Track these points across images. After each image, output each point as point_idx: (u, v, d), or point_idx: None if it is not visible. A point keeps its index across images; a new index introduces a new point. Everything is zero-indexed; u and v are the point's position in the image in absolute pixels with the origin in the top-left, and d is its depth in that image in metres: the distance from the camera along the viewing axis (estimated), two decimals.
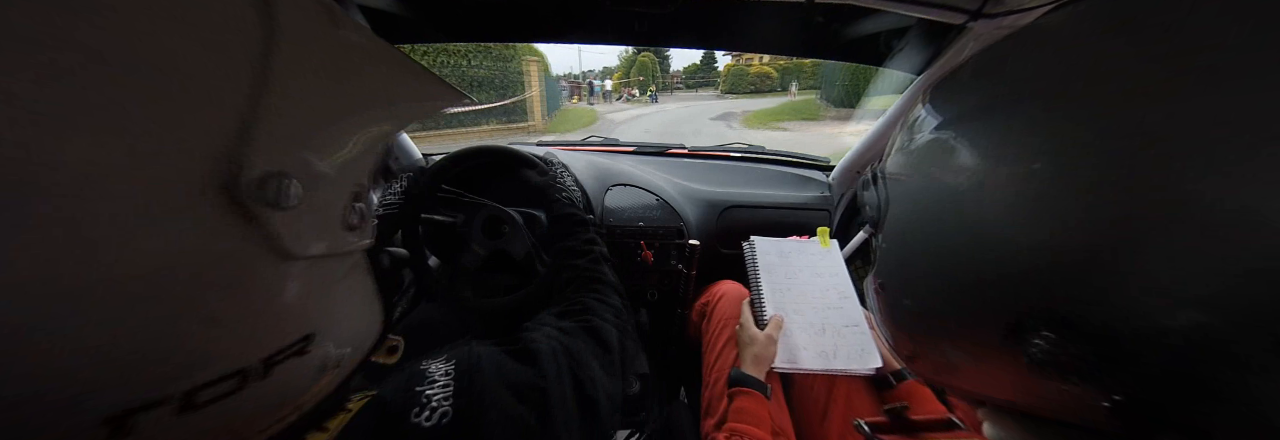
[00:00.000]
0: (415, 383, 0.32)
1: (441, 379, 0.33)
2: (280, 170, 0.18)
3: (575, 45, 10.98)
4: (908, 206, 0.28)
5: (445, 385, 0.32)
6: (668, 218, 1.05)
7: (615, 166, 1.14)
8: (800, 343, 0.75)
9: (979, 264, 0.22)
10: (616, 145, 1.43)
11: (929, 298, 0.26)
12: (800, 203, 1.18)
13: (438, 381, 0.32)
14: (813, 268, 0.86)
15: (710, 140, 5.18)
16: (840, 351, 0.74)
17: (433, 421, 0.29)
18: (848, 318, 0.78)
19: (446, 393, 0.31)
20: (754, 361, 0.71)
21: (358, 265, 0.28)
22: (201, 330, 0.18)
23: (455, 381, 0.32)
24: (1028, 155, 0.20)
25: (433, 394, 0.31)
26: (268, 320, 0.20)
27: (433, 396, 0.31)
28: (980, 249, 0.22)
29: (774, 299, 0.80)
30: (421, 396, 0.31)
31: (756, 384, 0.68)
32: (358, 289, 0.29)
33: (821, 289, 0.83)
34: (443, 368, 0.34)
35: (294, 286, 0.21)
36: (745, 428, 0.62)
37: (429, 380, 0.33)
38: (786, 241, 0.91)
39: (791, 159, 1.37)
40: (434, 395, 0.31)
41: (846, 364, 0.72)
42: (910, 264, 0.27)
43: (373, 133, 0.24)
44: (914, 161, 0.28)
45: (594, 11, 0.91)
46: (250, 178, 0.17)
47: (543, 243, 0.92)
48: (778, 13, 0.83)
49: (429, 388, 0.32)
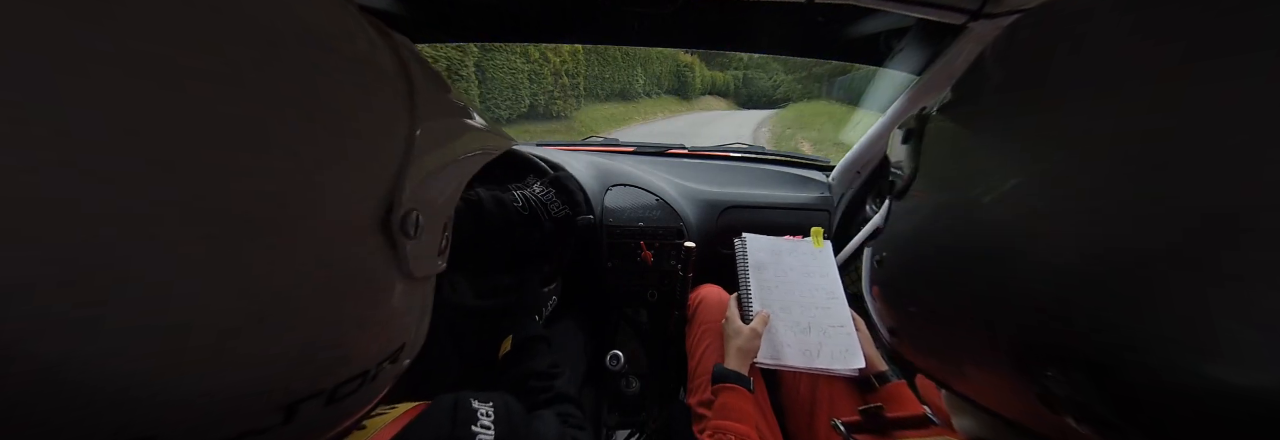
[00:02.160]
0: (467, 418, 0.35)
1: (484, 419, 0.36)
2: (414, 208, 0.23)
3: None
4: (932, 185, 0.26)
5: (487, 427, 0.35)
6: (667, 218, 1.05)
7: (615, 166, 1.14)
8: (784, 340, 0.75)
9: (994, 277, 0.19)
10: (616, 145, 1.43)
11: (934, 294, 0.25)
12: (800, 203, 1.18)
13: (481, 421, 0.35)
14: (803, 267, 0.86)
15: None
16: (824, 350, 0.74)
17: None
18: (834, 318, 0.78)
19: (489, 435, 0.34)
20: (738, 354, 0.71)
21: (430, 284, 0.31)
22: (351, 336, 0.22)
23: (496, 425, 0.35)
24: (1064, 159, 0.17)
25: (479, 433, 0.34)
26: (388, 330, 0.24)
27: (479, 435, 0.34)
28: (998, 261, 0.19)
29: (761, 296, 0.80)
30: (476, 437, 0.34)
31: (738, 378, 0.68)
32: (423, 305, 0.31)
33: (810, 288, 0.83)
34: (484, 409, 0.37)
35: (403, 302, 0.25)
36: (729, 424, 0.62)
37: (476, 418, 0.36)
38: (779, 240, 0.91)
39: (791, 159, 1.37)
40: (479, 435, 0.34)
41: (829, 363, 0.72)
42: (922, 256, 0.26)
43: (466, 174, 0.30)
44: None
45: (594, 12, 0.91)
46: (397, 214, 0.22)
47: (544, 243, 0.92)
48: (778, 13, 0.83)
49: (478, 427, 0.35)
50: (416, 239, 0.23)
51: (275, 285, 0.18)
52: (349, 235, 0.20)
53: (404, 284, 0.24)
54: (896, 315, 0.29)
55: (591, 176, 1.04)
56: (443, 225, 0.28)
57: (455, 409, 0.35)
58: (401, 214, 0.22)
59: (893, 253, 0.29)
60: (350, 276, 0.20)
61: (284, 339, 0.18)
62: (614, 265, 1.03)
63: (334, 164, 0.19)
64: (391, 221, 0.21)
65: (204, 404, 0.17)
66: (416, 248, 0.24)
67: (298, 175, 0.18)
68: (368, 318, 0.22)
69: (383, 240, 0.22)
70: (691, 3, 0.82)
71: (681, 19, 0.90)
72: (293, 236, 0.18)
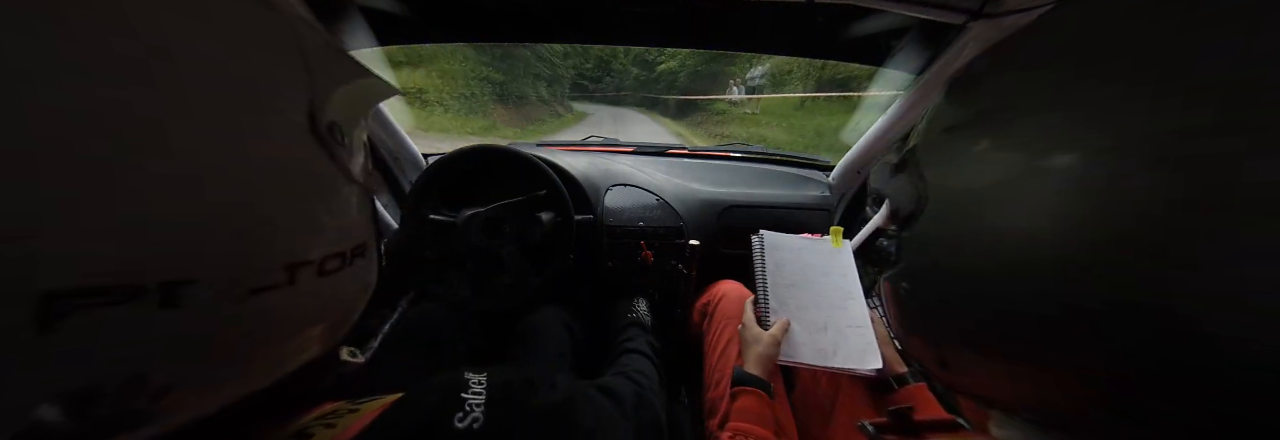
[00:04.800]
0: (459, 388, 0.35)
1: (475, 386, 0.36)
2: (335, 123, 0.28)
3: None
4: (950, 202, 0.26)
5: (478, 393, 0.35)
6: (668, 218, 1.05)
7: (615, 167, 1.14)
8: (800, 339, 0.74)
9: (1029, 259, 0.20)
10: (616, 145, 1.43)
11: (976, 298, 0.24)
12: (800, 203, 1.18)
13: (472, 388, 0.36)
14: (821, 266, 0.85)
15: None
16: (840, 350, 0.73)
17: (464, 423, 0.33)
18: (852, 318, 0.78)
19: (479, 400, 0.35)
20: (757, 361, 0.70)
21: (369, 198, 0.35)
22: (328, 213, 0.28)
23: (487, 391, 0.36)
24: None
25: (470, 399, 0.35)
26: (353, 220, 0.30)
27: (470, 402, 0.34)
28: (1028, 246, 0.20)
29: (778, 294, 0.79)
30: (464, 403, 0.34)
31: (759, 383, 0.67)
32: (369, 214, 0.35)
33: (828, 288, 0.82)
34: (476, 377, 0.37)
35: (356, 203, 0.31)
36: (749, 427, 0.62)
37: (467, 387, 0.36)
38: (797, 238, 0.90)
39: (791, 159, 1.37)
40: (469, 400, 0.34)
41: (845, 363, 0.72)
42: (950, 265, 0.26)
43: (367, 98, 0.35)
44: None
45: (594, 11, 0.91)
46: (322, 125, 0.27)
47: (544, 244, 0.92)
48: (778, 13, 0.83)
49: (468, 394, 0.35)
50: (345, 147, 0.29)
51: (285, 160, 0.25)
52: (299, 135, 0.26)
53: (350, 186, 0.30)
54: (941, 340, 0.28)
55: (592, 176, 1.04)
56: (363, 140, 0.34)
57: (447, 381, 0.36)
58: (325, 123, 0.27)
59: (921, 280, 0.28)
60: (312, 170, 0.27)
61: (293, 210, 0.25)
62: (614, 265, 1.03)
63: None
64: (320, 130, 0.27)
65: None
66: (347, 155, 0.30)
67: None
68: (334, 204, 0.28)
69: (316, 143, 0.27)
70: (691, 3, 0.82)
71: (681, 19, 0.90)
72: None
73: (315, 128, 0.27)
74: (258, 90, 0.24)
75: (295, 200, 0.26)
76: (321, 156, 0.27)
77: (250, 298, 0.22)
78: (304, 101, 0.27)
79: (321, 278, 0.27)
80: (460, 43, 1.21)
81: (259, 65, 0.24)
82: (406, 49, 4.56)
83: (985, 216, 0.23)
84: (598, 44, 1.08)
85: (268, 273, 0.23)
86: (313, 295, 0.27)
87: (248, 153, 0.23)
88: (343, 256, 0.29)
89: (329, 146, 0.28)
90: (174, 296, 0.19)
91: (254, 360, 0.25)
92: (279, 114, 0.25)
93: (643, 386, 0.61)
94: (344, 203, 0.29)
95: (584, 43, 1.12)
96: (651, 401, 0.59)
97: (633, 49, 14.95)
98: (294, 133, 0.26)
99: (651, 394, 0.61)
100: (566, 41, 1.04)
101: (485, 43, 3.81)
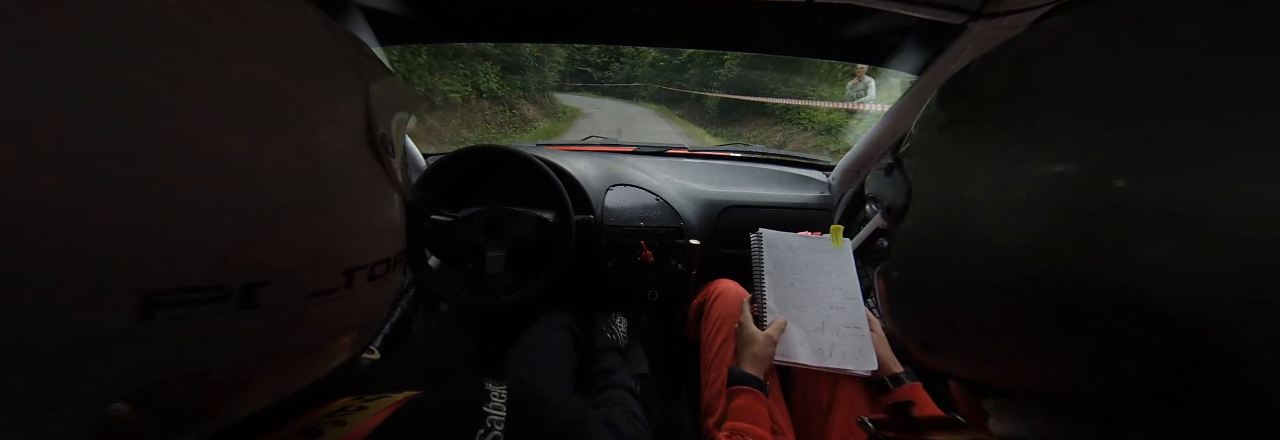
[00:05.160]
0: (480, 401, 0.35)
1: (496, 401, 0.36)
2: (386, 135, 0.30)
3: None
4: (942, 193, 0.28)
5: (499, 408, 0.35)
6: (668, 218, 1.05)
7: (615, 166, 1.14)
8: (797, 338, 0.74)
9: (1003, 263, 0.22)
10: (616, 145, 1.43)
11: (965, 286, 0.26)
12: (800, 203, 1.18)
13: (493, 402, 0.36)
14: (820, 265, 0.84)
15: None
16: (837, 350, 0.73)
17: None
18: (849, 319, 0.77)
19: (499, 415, 0.35)
20: (753, 360, 0.70)
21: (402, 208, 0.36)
22: (380, 220, 0.29)
23: (507, 406, 0.36)
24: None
25: (491, 415, 0.34)
26: (397, 227, 0.31)
27: (491, 417, 0.34)
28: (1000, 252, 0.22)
29: (776, 293, 0.79)
30: (486, 418, 0.34)
31: (755, 382, 0.67)
32: (402, 226, 0.36)
33: (826, 288, 0.81)
34: (497, 390, 0.37)
35: (399, 210, 0.31)
36: (745, 426, 0.62)
37: (488, 400, 0.36)
38: (796, 237, 0.89)
39: (791, 158, 1.37)
40: (490, 415, 0.34)
41: (841, 363, 0.72)
42: (941, 255, 0.27)
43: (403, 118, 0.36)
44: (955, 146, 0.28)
45: (594, 11, 0.91)
46: (376, 136, 0.29)
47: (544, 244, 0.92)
48: (778, 13, 0.83)
49: (489, 409, 0.35)
50: (393, 156, 0.31)
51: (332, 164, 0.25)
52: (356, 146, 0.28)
53: (393, 195, 0.30)
54: (927, 325, 0.30)
55: (592, 176, 1.04)
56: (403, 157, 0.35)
57: (468, 392, 0.36)
58: (378, 136, 0.29)
59: (908, 268, 0.30)
60: (363, 184, 0.28)
61: (341, 214, 0.26)
62: (614, 265, 1.03)
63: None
64: (375, 141, 0.28)
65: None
66: (394, 166, 0.31)
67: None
68: (379, 214, 0.29)
69: (371, 153, 0.28)
70: (692, 2, 0.82)
71: (681, 19, 0.90)
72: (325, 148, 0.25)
73: (371, 137, 0.28)
74: (330, 104, 0.25)
75: (355, 208, 0.27)
76: (375, 165, 0.28)
77: (311, 300, 0.24)
78: (362, 112, 0.28)
79: (370, 282, 0.28)
80: (460, 42, 1.21)
81: (333, 80, 0.26)
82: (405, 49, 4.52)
83: (968, 211, 0.25)
84: (598, 44, 1.08)
85: (330, 276, 0.25)
86: (362, 299, 0.28)
87: (318, 162, 0.24)
88: (388, 262, 0.30)
89: (381, 155, 0.29)
90: (251, 297, 0.21)
91: (303, 360, 0.26)
92: (343, 125, 0.26)
93: (641, 432, 0.62)
94: (391, 210, 0.30)
95: (584, 43, 1.12)
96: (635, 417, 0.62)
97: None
98: (356, 143, 0.27)
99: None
100: (567, 41, 1.04)
101: (485, 42, 3.79)
